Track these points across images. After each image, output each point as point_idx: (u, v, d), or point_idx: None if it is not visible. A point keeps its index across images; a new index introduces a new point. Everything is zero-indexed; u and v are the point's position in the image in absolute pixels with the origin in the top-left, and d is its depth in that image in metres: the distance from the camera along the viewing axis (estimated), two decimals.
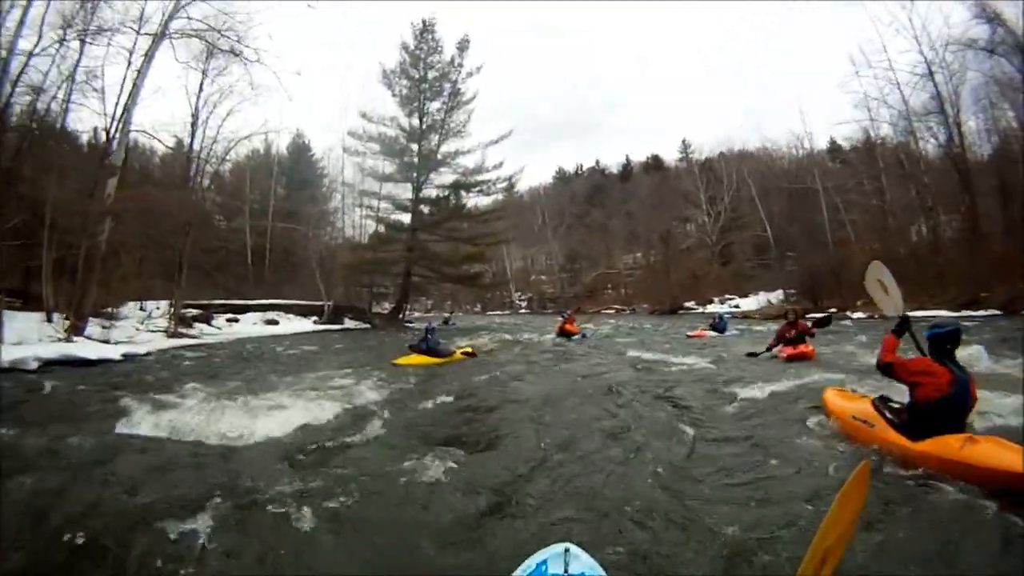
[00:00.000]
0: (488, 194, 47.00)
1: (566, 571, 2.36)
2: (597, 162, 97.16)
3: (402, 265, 43.84)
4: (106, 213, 24.50)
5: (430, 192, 45.74)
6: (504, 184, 46.00)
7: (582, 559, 2.51)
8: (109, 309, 27.15)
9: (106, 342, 20.79)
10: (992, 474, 4.35)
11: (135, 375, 13.48)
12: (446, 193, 45.78)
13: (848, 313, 33.59)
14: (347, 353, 20.23)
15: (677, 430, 6.79)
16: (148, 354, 18.98)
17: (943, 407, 5.05)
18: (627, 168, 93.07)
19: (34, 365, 14.11)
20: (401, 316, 45.91)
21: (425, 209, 45.55)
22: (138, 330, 25.87)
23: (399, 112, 44.44)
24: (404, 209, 45.52)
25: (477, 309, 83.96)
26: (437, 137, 44.45)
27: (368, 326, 40.66)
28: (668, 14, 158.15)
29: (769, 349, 14.50)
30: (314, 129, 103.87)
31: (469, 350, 17.44)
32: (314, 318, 39.56)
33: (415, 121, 44.26)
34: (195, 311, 32.61)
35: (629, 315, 57.42)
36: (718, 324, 24.19)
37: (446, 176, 45.61)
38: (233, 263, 48.84)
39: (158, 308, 28.91)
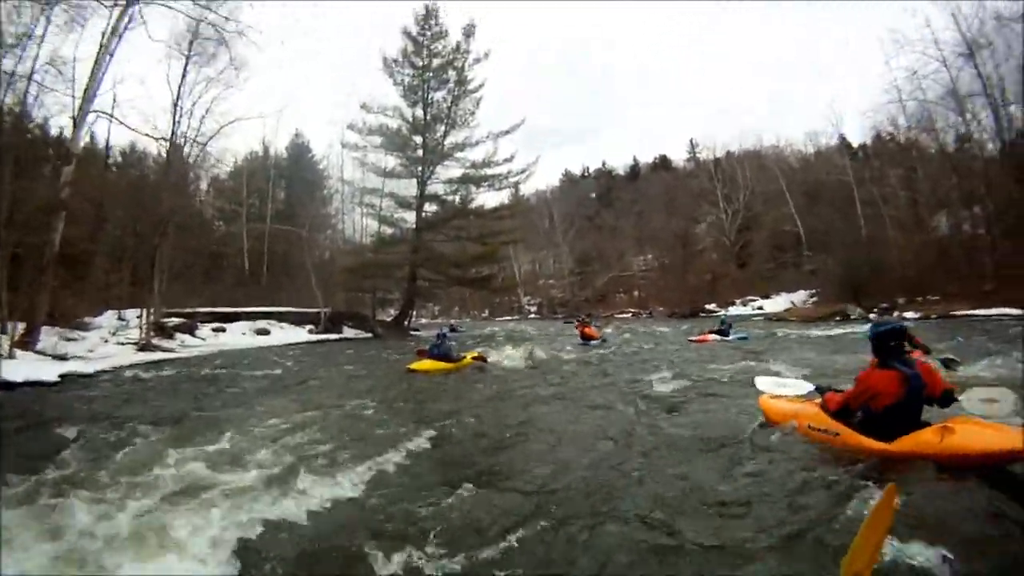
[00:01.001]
0: (499, 188, 43.29)
1: None
2: (604, 163, 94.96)
3: (406, 268, 40.60)
4: (58, 206, 20.95)
5: (436, 188, 42.21)
6: (517, 178, 42.29)
7: None
8: (85, 319, 25.17)
9: (62, 358, 18.12)
10: (984, 457, 4.44)
11: (42, 408, 10.72)
12: (453, 188, 42.15)
13: (901, 315, 29.38)
14: (334, 374, 16.81)
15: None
16: (97, 374, 16.14)
17: (902, 409, 5.04)
18: (635, 169, 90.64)
19: None
20: (406, 323, 42.48)
21: (431, 207, 42.12)
22: (106, 342, 23.03)
23: (402, 103, 41.09)
24: (408, 207, 41.92)
25: (485, 315, 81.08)
26: (443, 128, 40.89)
27: (370, 335, 37.32)
28: (665, 13, 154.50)
29: None
30: (314, 126, 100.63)
31: (480, 355, 16.78)
32: (309, 327, 35.99)
33: (419, 112, 40.79)
34: (178, 320, 29.75)
35: (646, 318, 54.45)
36: (723, 328, 22.37)
37: (453, 170, 42.04)
38: (229, 269, 46.67)
39: (138, 317, 25.47)
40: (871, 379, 5.16)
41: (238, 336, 31.59)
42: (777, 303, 49.77)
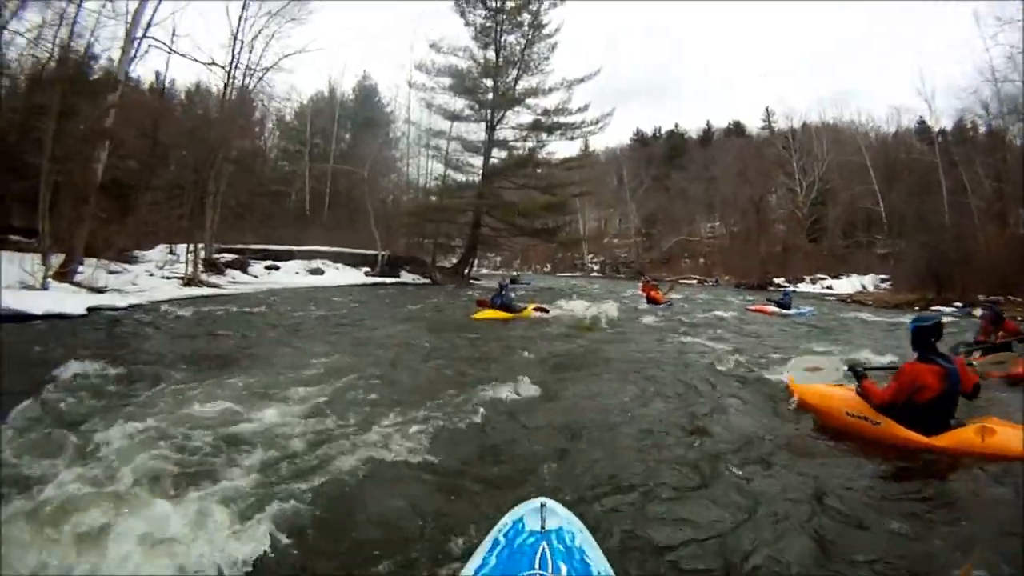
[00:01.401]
0: (572, 138, 40.90)
1: (543, 526, 2.32)
2: (676, 125, 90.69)
3: (470, 214, 38.96)
4: (102, 135, 19.79)
5: (505, 134, 40.09)
6: (590, 128, 39.69)
7: (559, 513, 2.45)
8: (135, 252, 25.09)
9: (99, 291, 17.19)
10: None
11: (54, 341, 9.69)
12: (523, 135, 39.82)
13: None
14: (388, 319, 16.06)
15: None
16: (130, 308, 15.22)
17: (941, 403, 5.12)
18: (708, 133, 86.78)
19: None
20: (467, 272, 40.88)
21: (499, 154, 40.05)
22: (151, 276, 22.69)
23: (472, 44, 38.86)
24: (475, 151, 40.14)
25: (547, 269, 78.53)
26: (515, 72, 38.65)
27: (428, 281, 35.83)
28: None
29: (969, 352, 9.12)
30: (384, 69, 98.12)
31: (541, 307, 17.19)
32: (366, 269, 34.71)
33: (490, 54, 38.58)
34: (231, 256, 29.46)
35: (712, 287, 51.88)
36: (783, 300, 22.13)
37: (524, 116, 39.74)
38: (291, 208, 46.52)
39: (190, 252, 24.60)
40: (916, 372, 5.17)
41: (291, 275, 30.78)
42: (847, 284, 46.75)
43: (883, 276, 45.12)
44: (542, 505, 2.43)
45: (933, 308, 27.56)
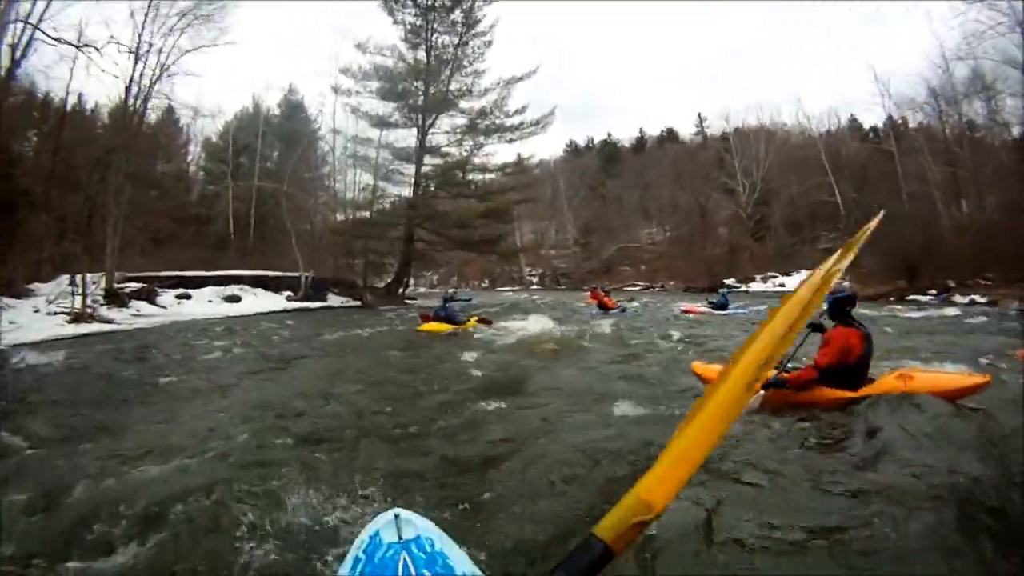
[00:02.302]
0: (511, 140, 37.35)
1: (400, 536, 1.98)
2: (609, 135, 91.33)
3: (402, 228, 35.28)
4: None
5: (439, 140, 36.65)
6: (531, 129, 36.33)
7: (414, 521, 2.09)
8: (32, 285, 22.32)
9: None
10: (945, 393, 5.10)
11: None
12: (458, 138, 36.47)
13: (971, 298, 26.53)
14: (298, 351, 13.06)
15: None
16: None
17: (862, 361, 5.62)
18: (641, 141, 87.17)
19: None
20: (401, 291, 37.03)
21: (432, 161, 36.67)
22: (37, 312, 19.54)
23: (402, 45, 35.47)
24: (406, 159, 36.46)
25: (485, 285, 76.26)
26: (448, 73, 35.33)
27: (358, 303, 32.35)
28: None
29: None
30: (312, 83, 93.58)
31: (486, 319, 17.35)
32: (288, 293, 31.09)
33: (421, 55, 35.17)
34: (138, 286, 26.54)
35: (657, 291, 51.28)
36: (720, 301, 22.36)
37: (459, 120, 36.51)
38: (214, 232, 43.08)
39: (94, 283, 22.32)
40: (847, 334, 5.62)
41: (204, 304, 27.58)
42: (797, 280, 44.50)
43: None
44: (396, 516, 2.04)
45: (909, 298, 27.85)
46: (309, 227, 38.69)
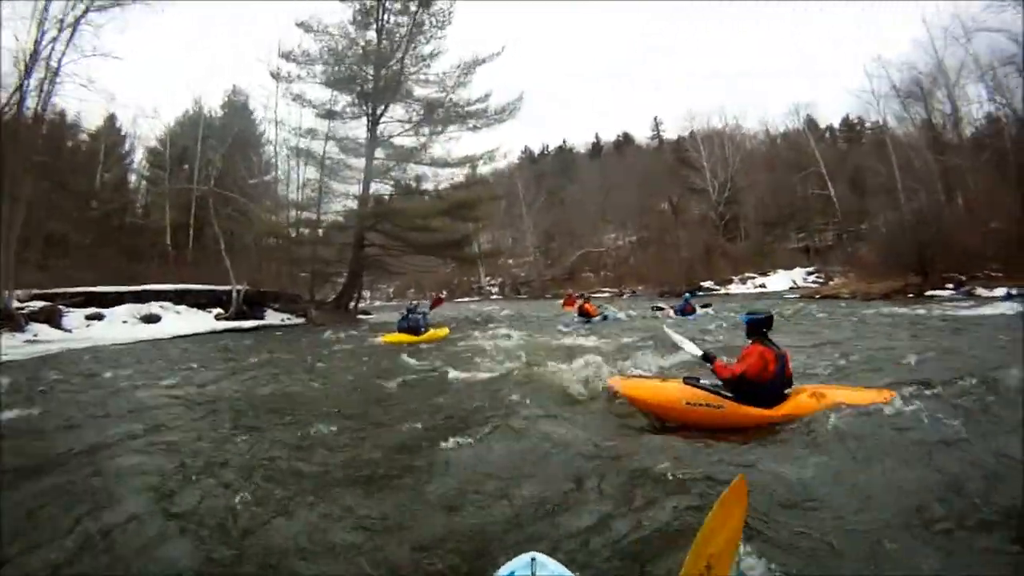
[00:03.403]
0: (475, 128, 31.44)
1: None
2: (564, 141, 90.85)
3: (351, 233, 30.13)
4: None
5: (391, 129, 31.21)
6: (498, 117, 30.97)
7: (549, 566, 2.33)
8: None
9: None
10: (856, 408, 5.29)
11: None
12: (416, 122, 31.02)
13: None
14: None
15: None
16: None
17: (776, 380, 5.60)
18: (597, 146, 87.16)
19: None
20: (352, 306, 31.67)
21: (385, 154, 31.35)
22: None
23: (350, 27, 29.91)
24: (355, 152, 31.13)
25: (443, 295, 70.04)
26: (400, 55, 29.81)
27: (302, 320, 27.21)
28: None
29: None
30: (254, 81, 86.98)
31: (444, 329, 17.24)
32: (217, 311, 25.91)
33: (371, 34, 29.73)
34: (41, 304, 21.93)
35: (628, 298, 46.16)
36: (682, 306, 20.97)
37: (414, 107, 31.20)
38: (152, 242, 38.65)
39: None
40: (762, 351, 5.61)
41: (117, 325, 22.79)
42: (777, 281, 45.44)
43: (811, 269, 45.17)
44: (532, 559, 2.31)
45: (928, 294, 25.12)
46: (247, 235, 33.33)
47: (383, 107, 30.27)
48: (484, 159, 31.43)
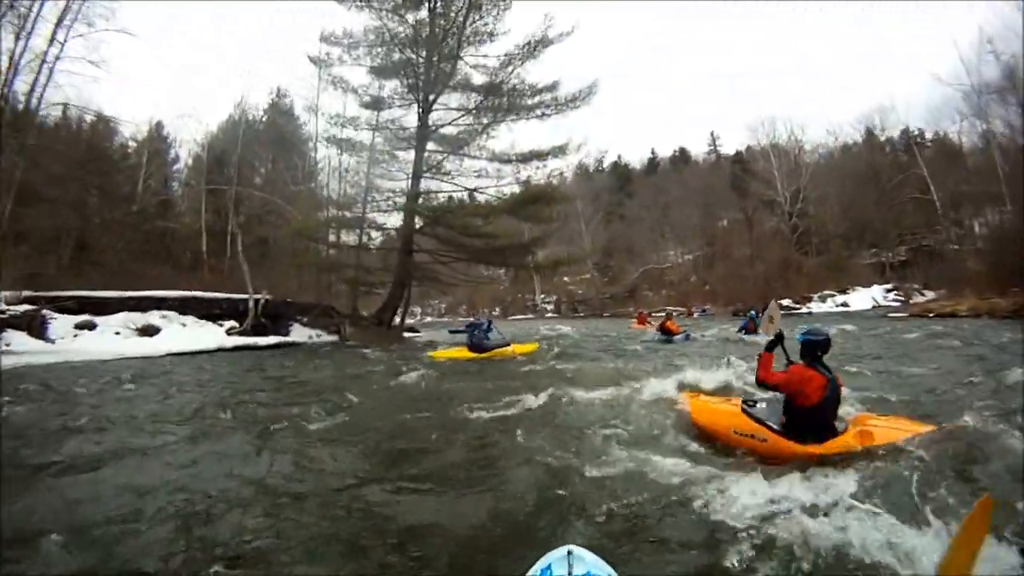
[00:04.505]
0: (543, 117, 25.96)
1: (570, 573, 2.08)
2: (619, 157, 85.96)
3: (397, 234, 25.76)
4: None
5: (445, 116, 26.28)
6: (571, 104, 25.56)
7: (587, 560, 2.21)
8: None
9: None
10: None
11: None
12: (474, 108, 25.99)
13: None
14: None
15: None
16: None
17: (822, 409, 5.17)
18: (653, 161, 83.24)
19: None
20: (398, 321, 26.30)
21: (437, 148, 26.48)
22: None
23: (399, 3, 25.08)
24: (403, 144, 26.39)
25: (496, 313, 65.13)
26: (455, 37, 25.00)
27: (334, 337, 22.69)
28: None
29: None
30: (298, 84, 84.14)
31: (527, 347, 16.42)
32: (231, 324, 21.44)
33: (423, 14, 25.08)
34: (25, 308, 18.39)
35: (698, 317, 42.02)
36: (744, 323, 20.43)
37: (471, 95, 26.23)
38: (186, 250, 36.55)
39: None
40: (806, 373, 5.21)
41: (108, 337, 18.99)
42: (858, 299, 42.34)
43: (890, 286, 42.69)
44: (569, 552, 2.20)
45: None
46: (284, 241, 29.22)
47: (435, 94, 25.69)
48: (553, 153, 26.00)
